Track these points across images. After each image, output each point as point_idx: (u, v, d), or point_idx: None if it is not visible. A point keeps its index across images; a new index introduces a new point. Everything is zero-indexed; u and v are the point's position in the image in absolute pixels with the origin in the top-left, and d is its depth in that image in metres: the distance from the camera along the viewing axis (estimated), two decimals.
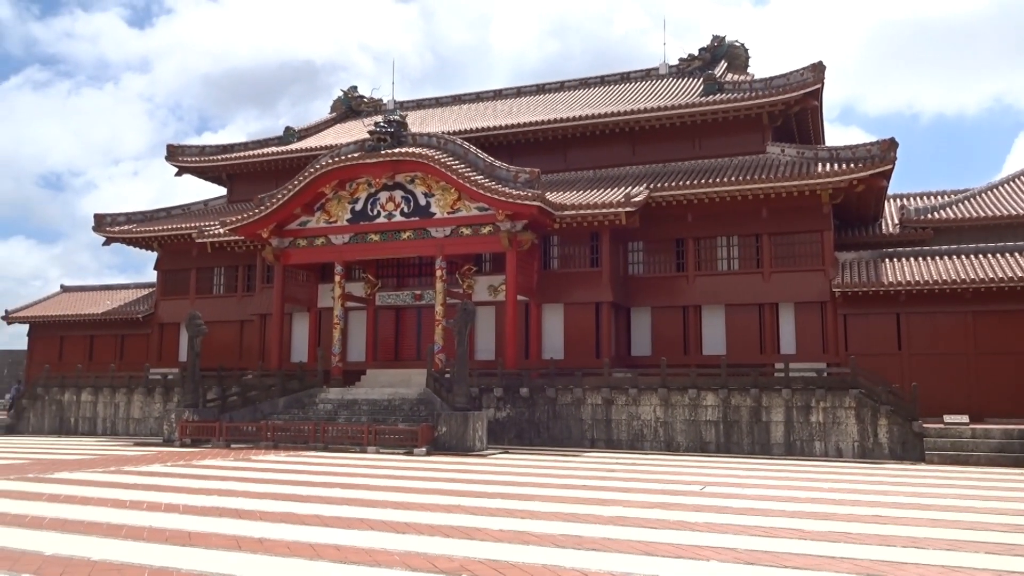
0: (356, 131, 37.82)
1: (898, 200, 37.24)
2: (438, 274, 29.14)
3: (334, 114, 45.30)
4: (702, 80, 34.06)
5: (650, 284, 30.90)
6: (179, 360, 36.60)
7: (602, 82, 39.95)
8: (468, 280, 31.66)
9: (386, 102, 45.40)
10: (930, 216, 33.02)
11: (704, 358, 29.12)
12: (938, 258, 28.74)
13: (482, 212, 28.32)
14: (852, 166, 27.74)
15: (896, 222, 34.42)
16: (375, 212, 30.06)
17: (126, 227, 38.59)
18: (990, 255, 28.23)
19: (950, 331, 27.19)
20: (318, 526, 10.12)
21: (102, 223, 38.85)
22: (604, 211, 28.03)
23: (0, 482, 14.79)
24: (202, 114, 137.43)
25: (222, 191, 41.71)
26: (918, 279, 27.22)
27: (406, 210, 29.58)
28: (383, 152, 29.02)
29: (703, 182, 29.03)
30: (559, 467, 18.79)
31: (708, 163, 31.56)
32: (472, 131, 33.94)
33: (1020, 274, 26.37)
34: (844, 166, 27.91)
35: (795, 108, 30.90)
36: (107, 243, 39.24)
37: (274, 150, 38.79)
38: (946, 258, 28.62)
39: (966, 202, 34.06)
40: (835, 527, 10.43)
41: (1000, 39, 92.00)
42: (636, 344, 30.93)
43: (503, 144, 34.12)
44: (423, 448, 22.22)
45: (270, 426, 24.82)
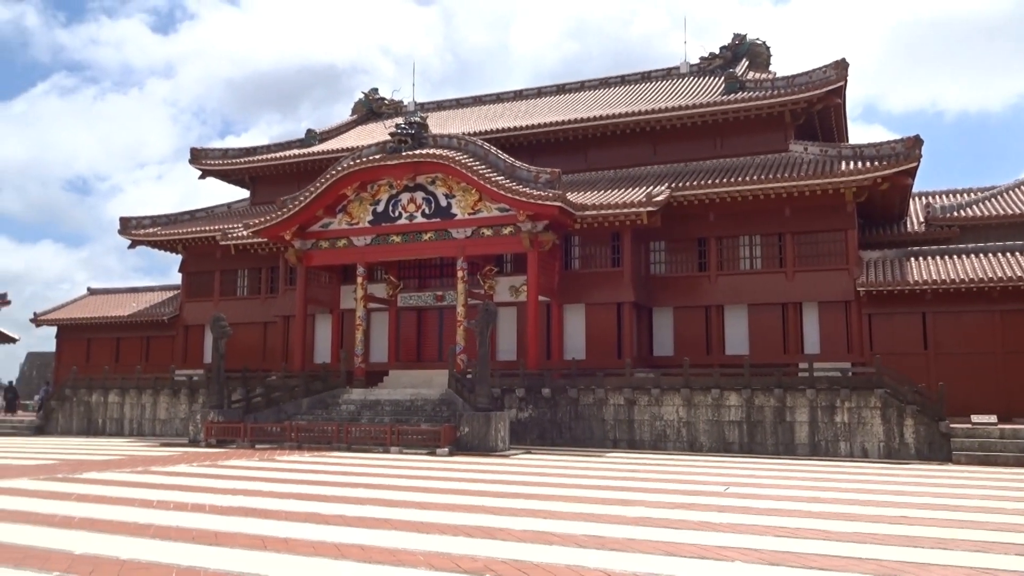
0: (377, 133, 37.98)
1: (923, 198, 36.83)
2: (459, 275, 29.20)
3: (355, 116, 45.50)
4: (723, 79, 33.87)
5: (672, 284, 30.78)
6: (204, 361, 36.97)
7: (622, 82, 39.85)
8: (489, 281, 31.72)
9: (406, 104, 45.54)
10: (956, 214, 32.64)
11: (727, 358, 28.98)
12: (965, 256, 28.39)
13: (503, 213, 28.35)
14: (876, 164, 27.48)
15: (921, 220, 34.06)
16: (396, 213, 30.18)
17: (151, 230, 39.02)
18: (1018, 253, 27.83)
19: (977, 330, 26.84)
20: (342, 526, 10.19)
21: (127, 226, 39.30)
22: (625, 211, 27.98)
23: (30, 482, 15.02)
24: (225, 118, 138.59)
25: (245, 193, 42.05)
26: (944, 278, 26.91)
27: (427, 211, 29.69)
28: (404, 154, 29.13)
29: (725, 181, 28.88)
30: (581, 467, 18.77)
31: (730, 162, 31.40)
32: (493, 132, 34.00)
33: None
34: (868, 164, 27.66)
35: (818, 106, 30.67)
36: (132, 246, 39.68)
37: (296, 152, 39.05)
38: (973, 256, 28.27)
39: (992, 200, 33.64)
40: (861, 528, 10.34)
41: (1023, 36, 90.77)
42: (658, 344, 30.84)
43: (524, 145, 34.15)
44: (445, 448, 22.29)
45: (294, 427, 25.00)
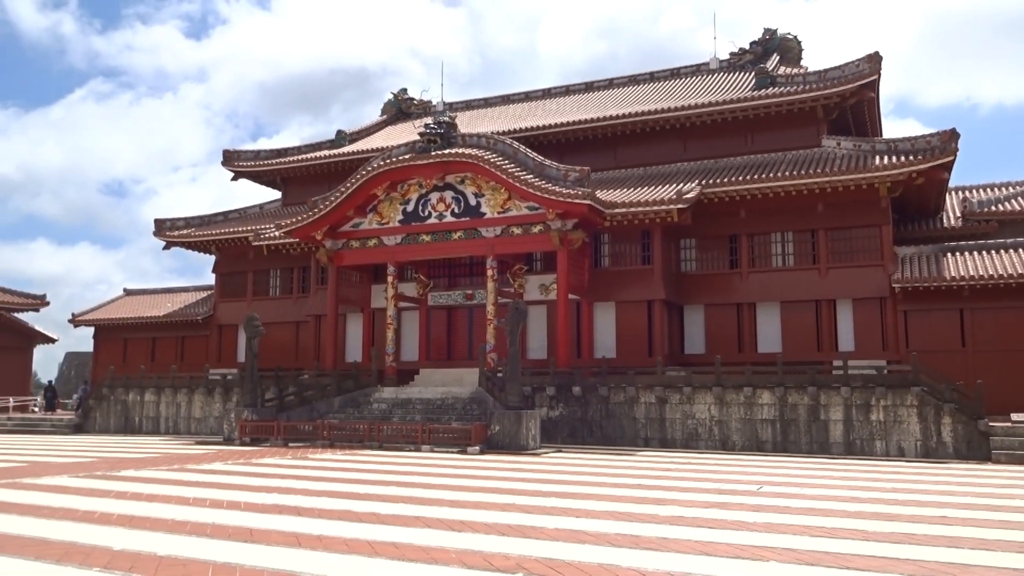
0: (406, 133, 38.14)
1: (960, 193, 36.15)
2: (489, 274, 29.23)
3: (384, 117, 45.75)
4: (754, 74, 33.55)
5: (703, 281, 30.56)
6: (237, 361, 37.40)
7: (651, 78, 39.63)
8: (519, 279, 31.72)
9: (435, 103, 45.68)
10: (994, 208, 32.00)
11: (759, 356, 28.71)
12: (1003, 251, 27.84)
13: (532, 211, 28.33)
14: (911, 158, 27.05)
15: (958, 215, 33.47)
16: (426, 213, 30.29)
17: (185, 231, 39.54)
18: None
19: (1017, 327, 26.31)
20: (375, 524, 10.23)
21: (162, 228, 39.87)
22: (655, 208, 27.82)
23: (70, 479, 15.29)
24: (257, 121, 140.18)
25: (277, 194, 42.48)
26: (982, 273, 26.41)
27: (457, 210, 29.75)
28: (433, 153, 29.22)
29: (756, 177, 28.61)
30: (613, 466, 18.69)
31: (761, 158, 31.10)
32: (521, 130, 33.99)
33: None
34: (903, 158, 27.24)
35: (851, 100, 30.26)
36: (167, 247, 40.28)
37: (326, 153, 39.35)
38: (1012, 251, 27.71)
39: None
40: (899, 528, 10.17)
41: None
42: (689, 342, 30.64)
43: (552, 143, 34.11)
44: (476, 447, 22.32)
45: (326, 425, 25.18)
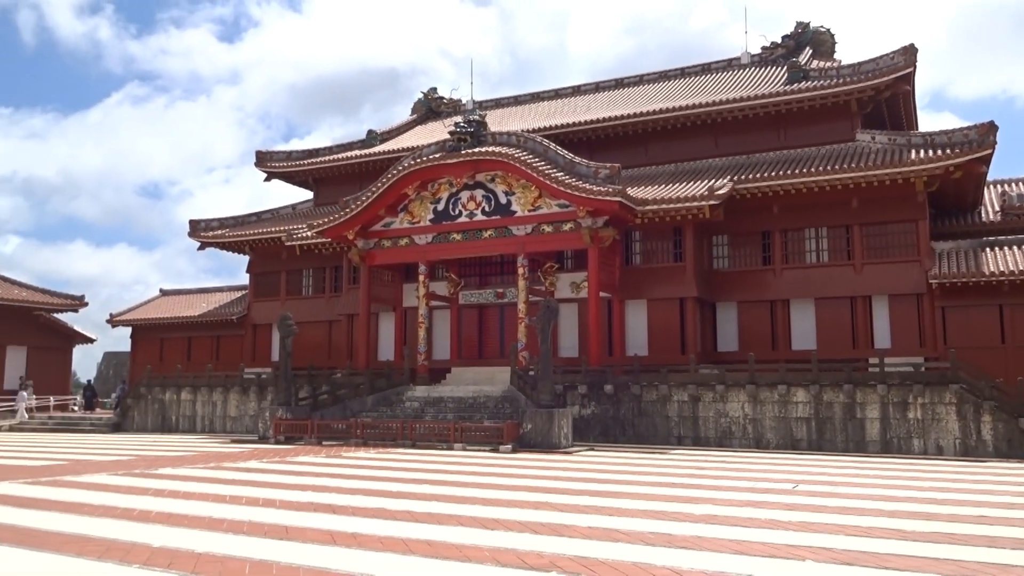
0: (437, 132, 38.27)
1: (998, 186, 35.43)
2: (520, 272, 29.24)
3: (415, 116, 45.94)
4: (786, 68, 33.17)
5: (736, 278, 30.30)
6: (271, 360, 37.79)
7: (682, 74, 39.35)
8: (550, 277, 31.70)
9: (465, 102, 45.77)
10: None
11: (793, 353, 28.38)
12: None
13: (563, 209, 28.29)
14: (948, 152, 26.59)
15: (997, 209, 32.79)
16: (457, 212, 30.37)
17: (219, 232, 40.04)
18: None
19: None
20: (409, 521, 10.30)
21: (197, 229, 40.42)
22: (687, 205, 27.64)
23: (109, 477, 15.57)
24: (289, 122, 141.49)
25: (309, 195, 42.85)
26: (1023, 268, 25.89)
27: (487, 209, 29.80)
28: (463, 152, 29.29)
29: (789, 173, 28.29)
30: (646, 464, 18.62)
31: (794, 153, 30.75)
32: (551, 128, 33.94)
33: None
34: (939, 152, 26.78)
35: (885, 93, 29.80)
36: (202, 248, 40.79)
37: (357, 153, 39.61)
38: None
39: None
40: (937, 527, 10.02)
41: None
42: (722, 340, 30.40)
43: (583, 140, 34.03)
44: (508, 445, 22.34)
45: (359, 423, 25.37)
